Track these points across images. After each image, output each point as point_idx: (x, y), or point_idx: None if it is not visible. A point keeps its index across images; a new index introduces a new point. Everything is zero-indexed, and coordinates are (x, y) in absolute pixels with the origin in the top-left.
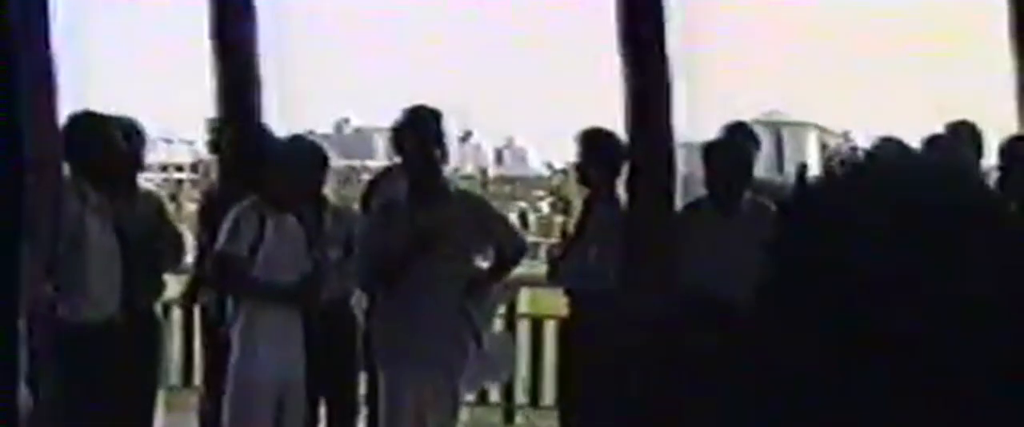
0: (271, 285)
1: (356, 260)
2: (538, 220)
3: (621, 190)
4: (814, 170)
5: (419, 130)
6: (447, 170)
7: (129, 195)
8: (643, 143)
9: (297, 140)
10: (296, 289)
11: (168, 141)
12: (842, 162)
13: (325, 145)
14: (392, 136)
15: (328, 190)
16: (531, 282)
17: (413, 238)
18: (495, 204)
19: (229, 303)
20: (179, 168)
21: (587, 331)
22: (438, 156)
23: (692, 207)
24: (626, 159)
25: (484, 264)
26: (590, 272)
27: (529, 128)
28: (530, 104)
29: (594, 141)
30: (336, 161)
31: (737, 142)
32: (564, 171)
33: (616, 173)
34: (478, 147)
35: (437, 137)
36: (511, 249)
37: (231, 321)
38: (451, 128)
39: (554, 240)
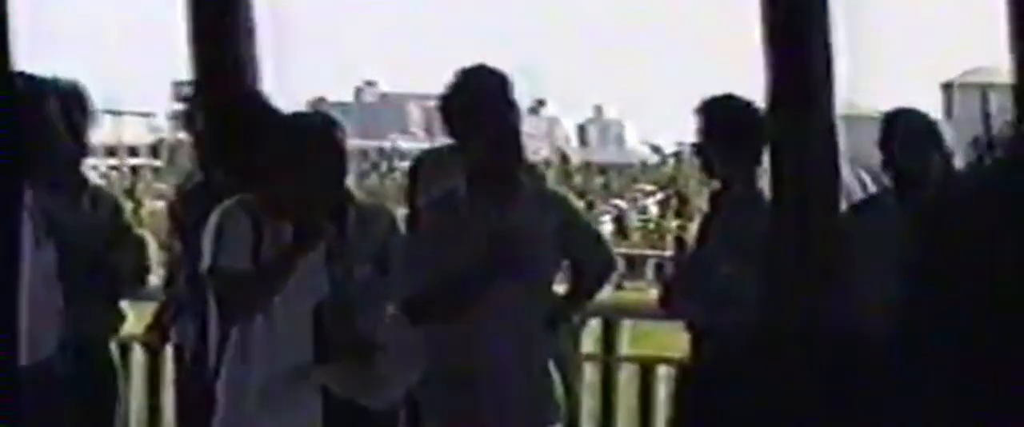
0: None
1: (394, 280)
2: (643, 224)
3: (763, 182)
4: None
5: (483, 98)
6: None
7: (72, 190)
8: (793, 115)
9: (305, 115)
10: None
11: (115, 113)
12: (991, 146)
13: (342, 118)
14: (442, 106)
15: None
16: (634, 311)
17: (495, 252)
18: (580, 202)
19: (212, 340)
20: (133, 151)
21: (716, 383)
22: (513, 135)
23: (866, 203)
24: (769, 138)
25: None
26: (720, 298)
27: (625, 95)
28: (626, 61)
29: (724, 113)
30: (359, 140)
31: (922, 112)
32: (677, 155)
33: (756, 158)
34: (553, 121)
35: (509, 108)
36: (596, 266)
37: (217, 367)
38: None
39: (666, 252)
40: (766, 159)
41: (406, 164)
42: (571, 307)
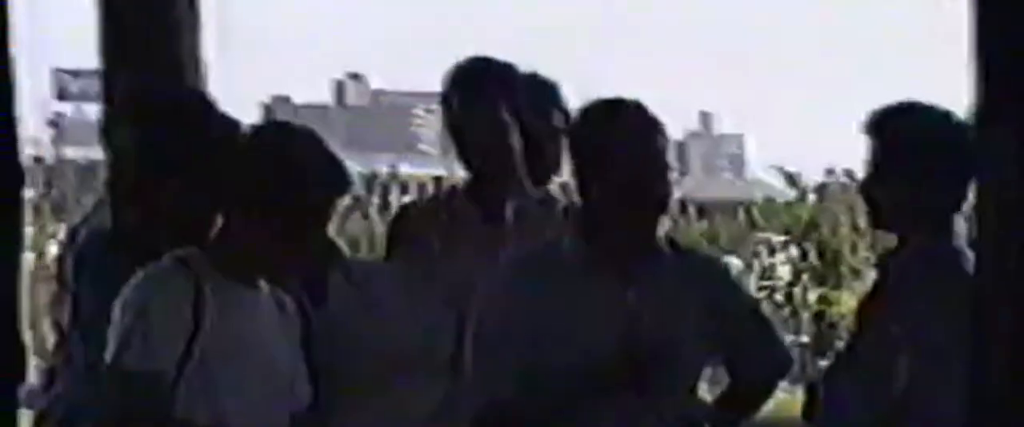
0: None
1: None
2: (767, 294)
3: (960, 237)
4: None
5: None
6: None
7: None
8: (1016, 134)
9: (271, 130)
10: None
11: None
12: None
13: (319, 126)
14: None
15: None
16: None
17: (625, 360)
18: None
19: None
20: None
21: None
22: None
23: None
24: (977, 169)
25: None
26: (898, 411)
27: (747, 99)
28: (750, 52)
29: (905, 130)
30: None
31: None
32: (822, 189)
33: (953, 199)
34: None
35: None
36: (759, 366)
37: None
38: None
39: (803, 337)
40: (969, 200)
41: (409, 199)
42: (721, 422)
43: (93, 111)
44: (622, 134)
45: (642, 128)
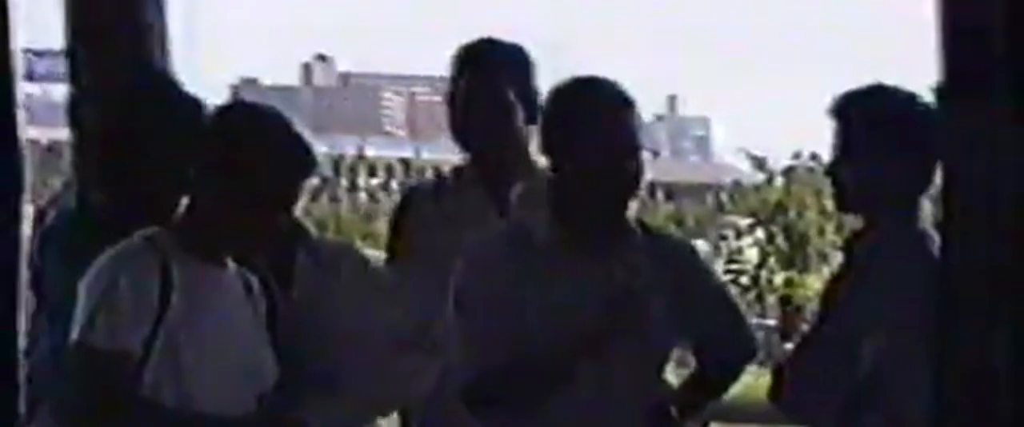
0: (194, 421)
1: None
2: (733, 277)
3: (926, 220)
4: None
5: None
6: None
7: None
8: (983, 114)
9: (238, 110)
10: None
11: None
12: None
13: (287, 108)
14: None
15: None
16: (727, 410)
17: (617, 314)
18: None
19: None
20: None
21: None
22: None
23: None
24: (943, 151)
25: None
26: (862, 392)
27: (713, 83)
28: (716, 35)
29: (870, 112)
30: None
31: None
32: (789, 172)
33: (919, 183)
34: None
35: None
36: (726, 350)
37: None
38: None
39: (769, 321)
40: (936, 183)
41: (376, 181)
42: (687, 405)
43: (59, 92)
44: (594, 113)
45: (615, 107)
